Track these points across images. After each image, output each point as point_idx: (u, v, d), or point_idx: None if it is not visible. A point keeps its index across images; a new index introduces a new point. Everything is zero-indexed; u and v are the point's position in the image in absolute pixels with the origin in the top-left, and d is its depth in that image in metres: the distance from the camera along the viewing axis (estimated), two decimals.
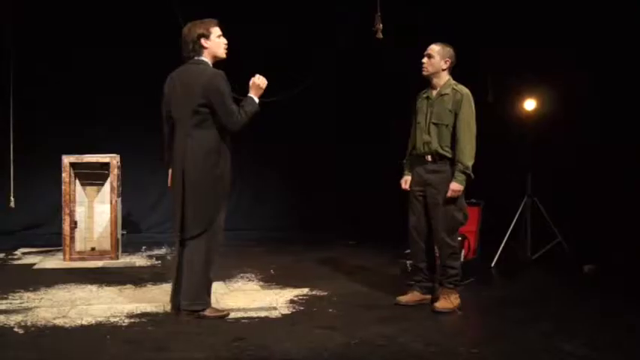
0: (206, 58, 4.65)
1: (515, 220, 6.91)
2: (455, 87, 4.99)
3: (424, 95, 5.13)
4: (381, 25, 5.98)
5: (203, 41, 4.61)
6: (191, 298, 4.65)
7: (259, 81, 4.71)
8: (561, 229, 6.97)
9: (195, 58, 4.64)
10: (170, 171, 4.85)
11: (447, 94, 4.97)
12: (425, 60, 5.04)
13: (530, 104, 6.98)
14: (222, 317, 4.71)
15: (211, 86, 4.51)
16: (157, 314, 4.81)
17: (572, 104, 7.29)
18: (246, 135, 9.05)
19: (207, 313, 4.68)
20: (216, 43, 4.66)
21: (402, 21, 7.47)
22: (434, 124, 4.97)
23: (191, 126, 4.57)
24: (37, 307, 4.95)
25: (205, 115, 4.55)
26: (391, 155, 5.87)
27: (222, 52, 4.70)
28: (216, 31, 4.66)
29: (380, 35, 6.00)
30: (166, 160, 4.86)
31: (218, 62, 4.73)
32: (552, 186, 7.30)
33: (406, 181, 5.22)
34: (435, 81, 5.05)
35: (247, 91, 4.73)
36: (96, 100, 8.51)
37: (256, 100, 4.69)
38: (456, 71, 5.08)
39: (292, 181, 9.09)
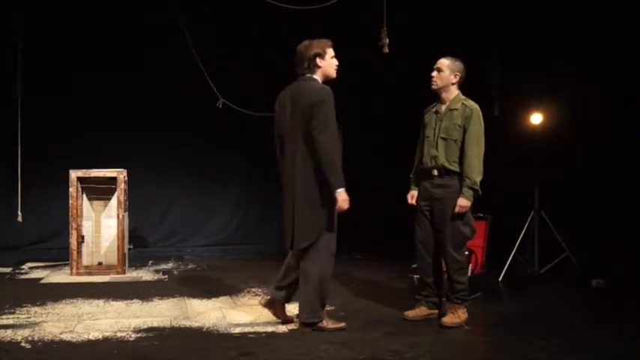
0: (317, 76, 4.78)
1: (522, 234, 6.89)
2: (464, 102, 4.98)
3: (433, 110, 5.13)
4: (387, 40, 5.99)
5: (318, 60, 4.75)
6: (308, 311, 4.72)
7: (344, 206, 4.65)
8: (569, 243, 6.94)
9: (308, 75, 4.76)
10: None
11: (457, 109, 4.96)
12: (434, 74, 5.04)
13: (537, 118, 6.97)
14: (340, 329, 4.75)
15: (317, 99, 4.60)
16: (163, 329, 4.80)
17: (579, 118, 7.29)
18: (254, 151, 9.19)
19: (324, 324, 4.73)
20: (329, 63, 4.79)
21: (409, 33, 7.53)
22: (442, 138, 4.97)
23: (301, 141, 4.65)
24: (44, 321, 4.95)
25: (311, 129, 4.61)
26: (398, 169, 5.87)
27: (333, 72, 4.83)
28: (330, 51, 4.80)
29: (386, 50, 6.01)
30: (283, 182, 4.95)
31: (328, 81, 4.83)
32: (560, 200, 7.28)
33: (413, 196, 5.21)
34: (444, 95, 5.04)
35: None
36: (103, 116, 8.56)
37: (337, 189, 4.58)
38: (464, 85, 5.08)
39: None
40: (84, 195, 6.94)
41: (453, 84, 5.02)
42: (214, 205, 9.29)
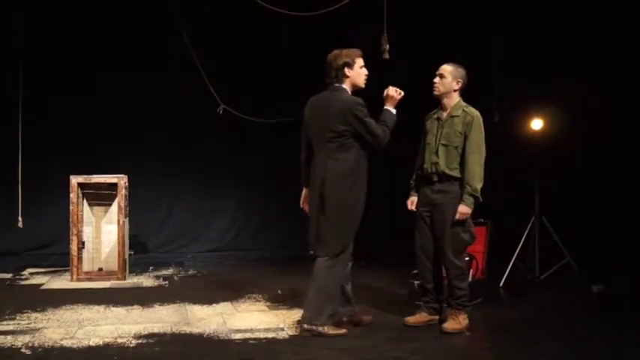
0: (346, 85, 4.83)
1: (523, 240, 6.88)
2: (465, 109, 4.98)
3: (434, 116, 5.13)
4: (387, 46, 5.99)
5: (346, 70, 4.80)
6: (313, 313, 4.74)
7: (393, 92, 4.88)
8: (569, 249, 6.94)
9: (336, 84, 4.81)
10: (305, 191, 5.05)
11: (458, 115, 4.96)
12: (436, 80, 5.04)
13: (537, 124, 6.97)
14: (341, 335, 4.75)
15: (350, 113, 4.69)
16: (164, 335, 4.80)
17: (579, 123, 7.29)
18: (254, 156, 9.18)
19: (325, 330, 4.73)
20: (358, 73, 4.84)
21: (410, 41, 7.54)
22: (443, 145, 4.96)
23: (330, 150, 4.75)
24: (44, 327, 4.95)
25: (343, 139, 4.72)
26: (398, 175, 5.87)
27: (362, 82, 4.89)
28: (359, 61, 4.85)
29: (387, 56, 6.01)
30: (303, 181, 5.04)
31: (357, 91, 4.89)
32: (560, 205, 7.28)
33: (412, 202, 5.21)
34: (445, 101, 5.04)
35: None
36: (104, 121, 8.56)
37: (393, 111, 4.89)
38: (465, 92, 5.08)
39: (298, 201, 9.04)
40: (84, 201, 6.94)
41: (454, 90, 5.02)
42: (215, 210, 9.28)
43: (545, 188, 6.99)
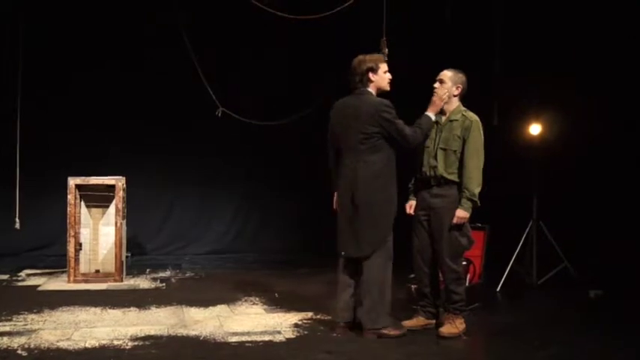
0: (371, 89, 4.92)
1: (520, 244, 6.88)
2: (464, 113, 4.99)
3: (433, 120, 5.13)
4: (387, 50, 5.99)
5: (371, 75, 4.91)
6: (373, 316, 4.78)
7: (436, 98, 4.97)
8: (567, 254, 6.94)
9: (362, 89, 4.91)
10: (336, 194, 5.06)
11: (457, 120, 4.97)
12: (436, 85, 5.05)
13: (535, 128, 6.98)
14: (401, 336, 4.81)
15: (379, 115, 4.78)
16: (160, 337, 4.79)
17: (577, 128, 7.30)
18: (253, 158, 9.17)
19: (387, 331, 4.79)
20: (382, 78, 4.95)
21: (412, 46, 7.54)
22: (442, 149, 4.97)
23: (360, 152, 4.82)
24: (40, 329, 4.94)
25: (374, 140, 4.80)
26: (398, 178, 5.87)
27: (386, 86, 4.99)
28: (384, 66, 4.97)
29: (386, 59, 6.01)
30: (334, 184, 5.08)
31: (382, 93, 4.98)
32: (558, 210, 7.28)
33: (411, 206, 5.21)
34: (445, 106, 5.04)
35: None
36: (102, 123, 8.55)
37: (433, 117, 4.95)
38: (465, 96, 5.08)
39: (297, 204, 9.09)
40: (82, 202, 6.93)
41: (454, 95, 5.03)
42: (213, 212, 9.27)
43: (543, 193, 6.99)
